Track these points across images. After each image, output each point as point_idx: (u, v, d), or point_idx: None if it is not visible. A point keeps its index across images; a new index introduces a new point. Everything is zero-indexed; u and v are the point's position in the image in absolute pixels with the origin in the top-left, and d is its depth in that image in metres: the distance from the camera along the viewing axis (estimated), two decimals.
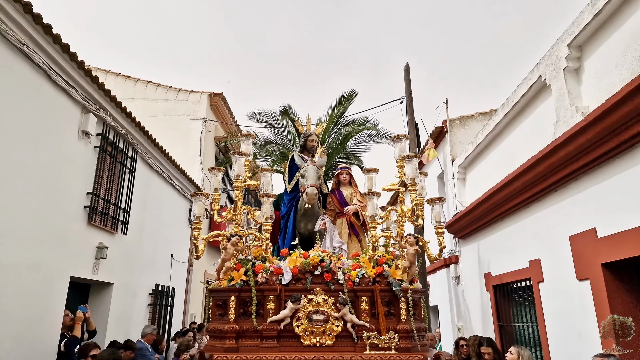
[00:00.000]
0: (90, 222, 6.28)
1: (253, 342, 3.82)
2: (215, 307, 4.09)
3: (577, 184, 4.61)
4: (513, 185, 5.70)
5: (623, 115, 3.73)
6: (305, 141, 5.68)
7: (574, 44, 4.67)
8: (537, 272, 5.35)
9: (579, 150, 4.36)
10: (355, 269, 4.01)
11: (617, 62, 4.13)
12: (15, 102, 4.81)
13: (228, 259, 4.03)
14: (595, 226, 4.29)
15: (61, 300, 5.66)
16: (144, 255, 8.26)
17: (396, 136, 4.54)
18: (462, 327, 8.20)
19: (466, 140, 8.71)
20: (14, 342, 4.76)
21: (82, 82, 5.87)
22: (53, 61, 5.29)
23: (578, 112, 4.49)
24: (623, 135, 3.83)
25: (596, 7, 4.24)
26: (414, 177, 4.23)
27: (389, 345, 3.65)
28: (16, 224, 4.82)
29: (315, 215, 5.08)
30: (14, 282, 4.76)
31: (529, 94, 5.60)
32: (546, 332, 5.20)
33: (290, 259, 4.17)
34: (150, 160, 8.39)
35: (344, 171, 5.47)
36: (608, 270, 4.16)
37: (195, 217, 4.29)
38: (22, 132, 4.93)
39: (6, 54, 4.64)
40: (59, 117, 5.60)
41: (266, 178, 4.75)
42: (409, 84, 9.76)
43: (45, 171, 5.33)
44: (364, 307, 3.87)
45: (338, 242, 4.88)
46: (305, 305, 3.86)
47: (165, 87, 13.46)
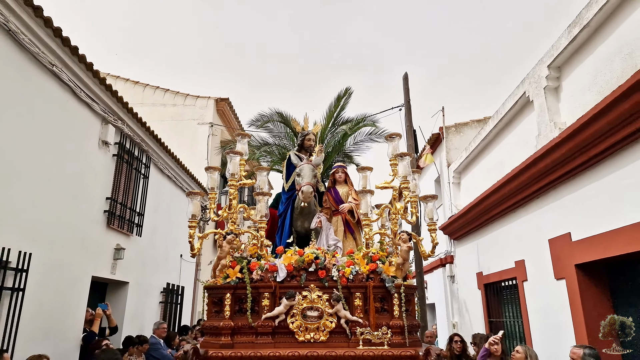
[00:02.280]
0: (109, 225, 6.77)
1: (248, 339, 3.85)
2: (211, 304, 4.10)
3: (555, 193, 5.08)
4: (501, 192, 6.17)
5: (591, 134, 4.20)
6: (302, 140, 5.69)
7: (553, 65, 5.14)
8: (522, 272, 5.82)
9: (555, 162, 4.83)
10: (349, 266, 4.05)
11: (590, 84, 4.60)
12: (45, 117, 5.30)
13: (224, 256, 4.04)
14: (570, 231, 4.76)
15: (83, 298, 6.16)
16: (156, 255, 8.76)
17: (389, 135, 4.59)
18: (456, 323, 8.68)
19: (461, 147, 9.18)
20: (45, 335, 5.25)
21: (103, 96, 6.36)
22: (78, 78, 5.78)
23: (556, 128, 4.96)
24: (592, 151, 4.30)
25: (571, 34, 4.71)
26: (406, 175, 4.27)
27: (381, 341, 3.70)
28: (45, 228, 5.31)
29: (312, 214, 5.09)
30: (43, 281, 5.24)
31: (515, 107, 6.07)
32: (529, 327, 5.67)
33: (285, 257, 4.20)
34: (162, 165, 8.89)
35: (339, 170, 5.52)
36: (581, 271, 4.63)
37: (191, 216, 4.24)
38: (51, 143, 5.42)
39: (38, 74, 5.13)
40: (82, 129, 6.09)
41: (262, 177, 4.71)
42: (408, 92, 10.20)
43: (70, 179, 5.82)
44: (358, 303, 3.91)
45: (333, 240, 4.92)
46: (299, 302, 3.89)
47: (173, 92, 13.93)
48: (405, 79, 10.37)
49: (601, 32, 4.45)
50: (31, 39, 4.85)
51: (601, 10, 4.30)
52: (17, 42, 4.71)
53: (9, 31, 4.58)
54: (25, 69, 4.89)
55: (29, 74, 4.97)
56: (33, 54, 4.92)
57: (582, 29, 4.56)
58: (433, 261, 9.90)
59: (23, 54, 4.85)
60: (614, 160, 4.15)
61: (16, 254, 4.70)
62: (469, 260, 8.03)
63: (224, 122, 14.09)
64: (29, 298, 4.88)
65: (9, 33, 4.59)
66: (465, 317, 8.29)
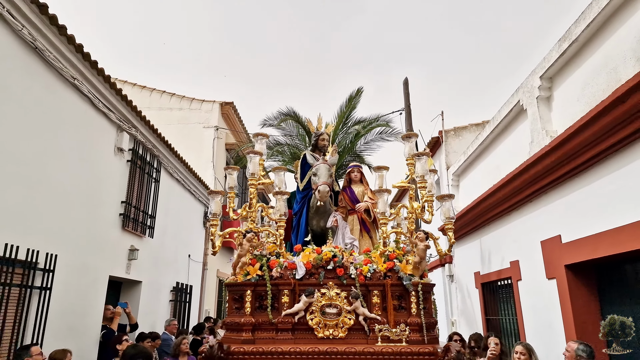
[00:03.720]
0: (124, 227, 7.12)
1: (268, 335, 3.92)
2: (232, 300, 4.16)
3: (546, 197, 5.40)
4: (496, 195, 6.48)
5: (578, 143, 4.51)
6: (316, 140, 5.75)
7: (545, 76, 5.45)
8: (516, 272, 6.14)
9: (547, 168, 5.14)
10: (366, 264, 4.09)
11: (579, 95, 4.91)
12: (68, 127, 5.64)
13: (244, 254, 4.12)
14: (560, 233, 5.08)
15: (102, 296, 6.51)
16: (166, 256, 9.11)
17: (406, 134, 4.64)
18: (455, 321, 9.01)
19: (460, 150, 9.49)
20: (68, 331, 5.60)
21: (119, 105, 6.71)
22: (96, 90, 6.13)
23: (548, 136, 5.27)
24: (580, 159, 4.62)
25: (562, 48, 5.02)
26: (423, 175, 4.31)
27: (399, 338, 3.74)
28: (68, 230, 5.66)
29: (327, 213, 5.15)
30: (67, 281, 5.59)
31: (510, 115, 6.38)
32: (523, 324, 5.99)
33: (304, 255, 4.26)
34: (172, 169, 9.24)
35: (355, 169, 5.58)
36: (570, 271, 4.94)
37: (212, 215, 4.33)
38: (73, 152, 5.77)
39: (61, 88, 5.48)
40: (99, 137, 6.44)
41: (279, 177, 4.77)
42: (408, 97, 10.55)
43: (90, 185, 6.16)
44: (376, 300, 3.97)
45: (350, 239, 4.99)
46: (318, 299, 3.95)
47: (179, 96, 14.26)
48: (405, 83, 10.71)
49: (589, 47, 4.76)
50: (56, 56, 5.19)
51: (589, 26, 4.60)
52: (44, 59, 5.06)
53: (36, 49, 4.92)
54: (50, 83, 5.24)
55: (54, 88, 5.32)
56: (57, 69, 5.27)
57: (571, 44, 4.87)
58: (433, 260, 10.22)
59: (49, 70, 5.19)
60: (600, 167, 4.46)
61: (44, 255, 5.05)
62: (467, 260, 8.36)
63: (229, 125, 14.42)
64: (54, 296, 5.24)
65: (35, 51, 4.93)
66: (464, 315, 8.62)
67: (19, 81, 4.74)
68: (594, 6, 4.45)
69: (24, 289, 4.78)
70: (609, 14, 4.36)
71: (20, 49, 4.74)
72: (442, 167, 9.88)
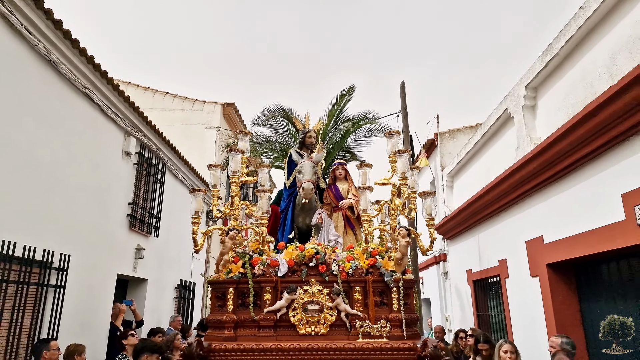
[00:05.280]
0: (131, 228, 7.46)
1: (251, 332, 3.93)
2: (215, 298, 4.15)
3: (530, 200, 5.74)
4: (486, 197, 6.82)
5: (557, 151, 4.85)
6: (304, 137, 5.74)
7: (530, 86, 5.77)
8: (504, 270, 6.48)
9: (530, 174, 5.47)
10: (349, 261, 4.11)
11: (560, 106, 5.23)
12: (79, 134, 5.96)
13: (226, 252, 4.09)
14: (542, 234, 5.41)
15: (110, 294, 6.85)
16: (170, 254, 9.46)
17: (388, 132, 4.72)
18: (449, 316, 9.37)
19: (454, 151, 9.82)
20: (80, 327, 5.94)
21: (126, 111, 7.03)
22: (105, 97, 6.45)
23: (532, 142, 5.60)
24: (559, 166, 4.95)
25: (544, 61, 5.34)
26: (404, 172, 4.34)
27: (380, 334, 3.78)
28: (80, 231, 5.99)
29: (313, 210, 5.18)
30: (79, 279, 5.92)
31: (499, 121, 6.70)
32: (510, 319, 6.34)
33: (287, 252, 4.26)
34: (175, 171, 9.57)
35: (339, 166, 5.57)
36: (551, 269, 5.28)
37: (194, 212, 4.33)
38: (84, 157, 6.09)
39: (73, 97, 5.80)
40: (108, 142, 6.77)
41: (263, 174, 4.76)
42: (405, 100, 10.84)
43: (100, 188, 6.50)
44: (357, 297, 4.00)
45: (334, 235, 5.00)
46: (300, 296, 3.96)
47: (181, 97, 14.56)
48: (402, 87, 11.00)
49: (568, 61, 5.08)
50: (69, 68, 5.51)
51: (568, 42, 4.92)
52: (58, 71, 5.38)
53: (51, 61, 5.24)
54: (63, 93, 5.57)
55: (66, 97, 5.64)
56: (70, 80, 5.59)
57: (553, 57, 5.19)
58: (428, 258, 10.58)
59: (62, 81, 5.52)
60: (577, 174, 4.79)
61: (58, 256, 5.39)
62: (460, 258, 8.70)
63: (230, 126, 14.74)
64: (68, 294, 5.57)
65: (50, 63, 5.25)
66: (457, 311, 8.97)
67: (36, 92, 5.07)
68: (572, 24, 4.77)
69: (40, 287, 5.12)
70: (586, 31, 4.68)
71: (37, 63, 5.06)
72: (437, 169, 10.22)
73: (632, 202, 3.87)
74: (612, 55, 4.30)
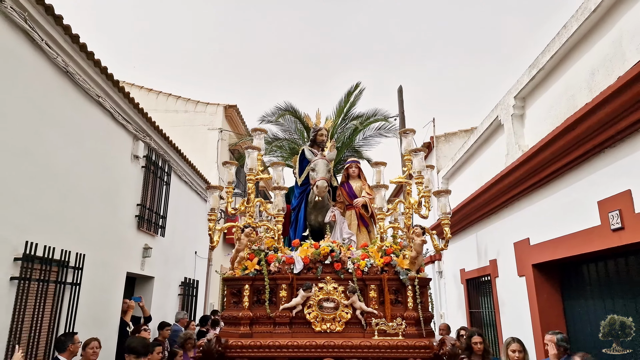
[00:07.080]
0: (139, 228, 7.81)
1: (266, 329, 3.97)
2: (230, 295, 4.18)
3: (518, 204, 6.09)
4: (478, 200, 7.16)
5: (542, 159, 5.19)
6: (315, 135, 5.77)
7: (519, 96, 6.10)
8: (494, 269, 6.84)
9: (518, 179, 5.81)
10: (364, 259, 4.12)
11: (546, 116, 5.57)
12: (92, 140, 6.30)
13: (242, 249, 4.14)
14: (529, 236, 5.76)
15: (120, 290, 7.21)
16: (175, 253, 9.82)
17: (403, 130, 4.75)
18: (444, 314, 9.74)
19: (450, 155, 10.17)
20: (93, 322, 6.29)
21: (135, 117, 7.37)
22: (116, 104, 6.79)
23: (520, 150, 5.94)
24: (544, 173, 5.29)
25: (531, 74, 5.67)
26: (420, 170, 4.39)
27: (396, 332, 3.80)
28: (93, 232, 6.34)
29: (325, 208, 5.20)
30: (92, 277, 6.27)
31: (490, 128, 7.04)
32: (500, 316, 6.69)
33: (302, 249, 4.29)
34: (180, 172, 9.92)
35: (353, 165, 5.61)
36: (537, 269, 5.63)
37: (210, 209, 4.37)
38: (96, 161, 6.43)
39: (87, 105, 6.14)
40: (118, 147, 7.11)
41: (277, 172, 4.76)
42: (402, 104, 11.18)
43: (110, 190, 6.84)
44: (373, 295, 4.03)
45: (347, 233, 5.02)
46: (316, 293, 4.00)
47: (184, 99, 14.88)
48: (399, 91, 11.35)
49: (553, 75, 5.41)
50: (84, 78, 5.85)
51: (552, 57, 5.26)
52: (74, 81, 5.72)
53: (67, 73, 5.58)
54: (78, 102, 5.91)
55: (81, 106, 5.98)
56: (85, 90, 5.94)
57: (539, 71, 5.53)
58: (425, 258, 10.93)
59: (77, 90, 5.86)
60: (559, 181, 5.13)
61: (74, 255, 5.73)
62: (454, 258, 9.06)
63: (232, 127, 15.08)
64: (82, 291, 5.92)
65: (67, 74, 5.59)
66: (451, 309, 9.34)
67: (55, 103, 5.41)
68: (556, 41, 5.11)
69: (58, 285, 5.46)
70: (569, 48, 5.01)
71: (55, 75, 5.40)
72: (433, 171, 10.55)
73: (606, 209, 4.22)
74: (592, 72, 4.64)
